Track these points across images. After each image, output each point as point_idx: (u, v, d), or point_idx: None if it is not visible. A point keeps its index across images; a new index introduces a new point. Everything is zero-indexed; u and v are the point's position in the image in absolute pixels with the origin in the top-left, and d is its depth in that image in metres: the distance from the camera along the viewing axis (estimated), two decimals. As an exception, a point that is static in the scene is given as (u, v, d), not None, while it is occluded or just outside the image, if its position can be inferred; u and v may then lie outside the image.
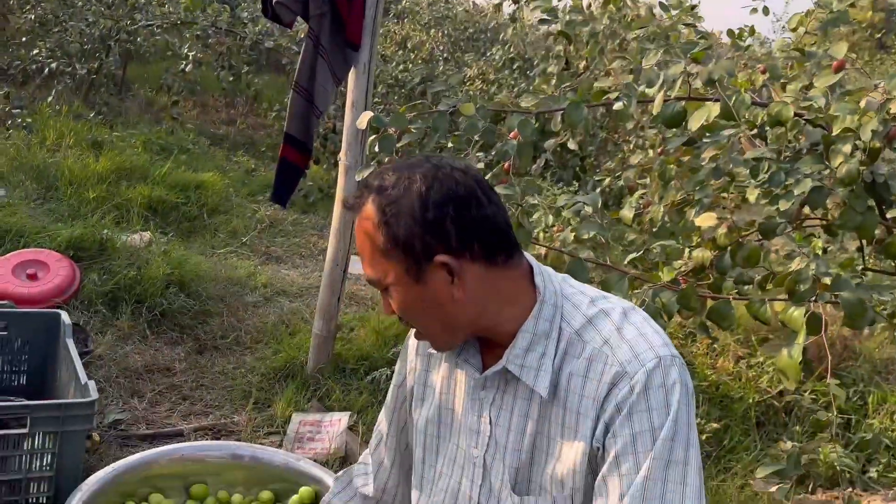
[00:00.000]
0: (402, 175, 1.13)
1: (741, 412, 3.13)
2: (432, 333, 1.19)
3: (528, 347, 1.14)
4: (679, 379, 1.07)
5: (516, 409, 1.17)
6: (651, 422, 1.05)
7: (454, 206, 1.10)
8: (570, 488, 1.12)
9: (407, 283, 1.13)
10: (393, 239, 1.11)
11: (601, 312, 1.15)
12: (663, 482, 1.03)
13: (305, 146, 2.85)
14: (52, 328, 2.45)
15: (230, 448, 2.18)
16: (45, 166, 4.58)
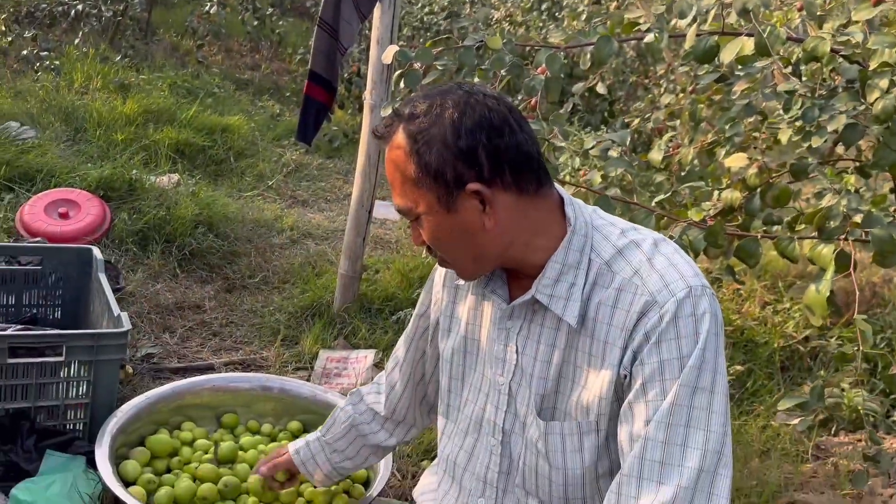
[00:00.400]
0: (433, 102, 1.12)
1: (765, 356, 3.12)
2: (461, 263, 1.19)
3: (558, 278, 1.14)
4: (709, 309, 1.07)
5: (543, 338, 1.18)
6: (679, 350, 1.05)
7: (487, 134, 1.09)
8: (595, 414, 1.14)
9: (438, 213, 1.13)
10: (424, 167, 1.10)
11: (632, 243, 1.14)
12: (689, 408, 1.03)
13: (330, 84, 2.84)
14: (84, 263, 2.50)
15: (260, 380, 2.23)
16: (73, 108, 4.61)
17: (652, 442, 1.03)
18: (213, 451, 2.00)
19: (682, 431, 1.03)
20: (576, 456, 1.16)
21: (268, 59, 8.04)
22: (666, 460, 1.02)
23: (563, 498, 1.19)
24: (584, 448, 1.15)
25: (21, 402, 1.98)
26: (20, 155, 3.72)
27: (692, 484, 1.01)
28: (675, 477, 1.01)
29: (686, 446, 1.02)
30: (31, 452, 1.95)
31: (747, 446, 2.40)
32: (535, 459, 1.20)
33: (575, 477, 1.17)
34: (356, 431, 1.58)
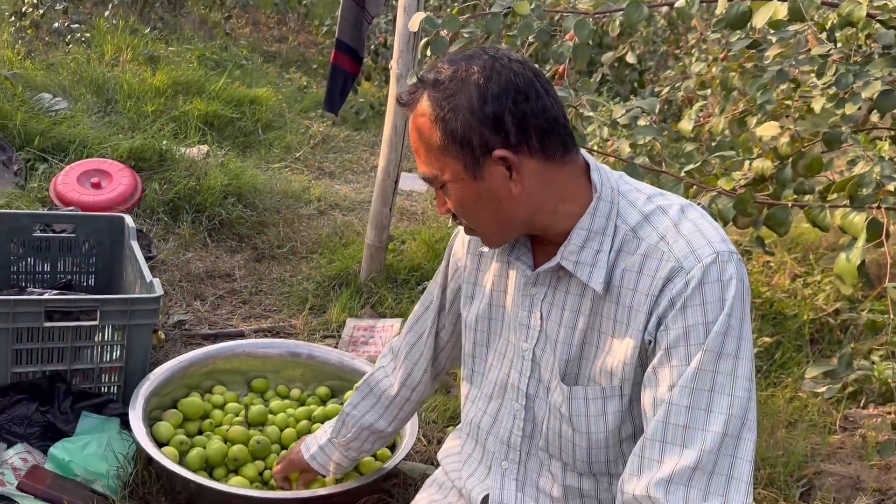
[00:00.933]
0: (458, 68, 1.10)
1: (795, 329, 3.09)
2: (487, 230, 1.19)
3: (583, 244, 1.14)
4: (735, 274, 1.06)
5: (567, 304, 1.19)
6: (705, 315, 1.04)
7: (513, 98, 1.08)
8: (618, 379, 1.14)
9: (464, 180, 1.12)
10: (450, 134, 1.09)
11: (658, 209, 1.14)
12: (714, 373, 1.03)
13: (357, 53, 2.83)
14: (117, 231, 2.55)
15: (288, 346, 2.27)
16: (104, 80, 4.66)
17: (676, 406, 1.04)
18: (243, 414, 2.05)
19: (706, 396, 1.03)
20: (599, 420, 1.17)
21: (295, 31, 8.04)
22: (690, 424, 1.03)
23: (586, 461, 1.21)
24: (607, 412, 1.16)
25: (57, 364, 2.04)
26: (53, 126, 3.78)
27: (716, 447, 1.01)
28: (698, 441, 1.02)
29: (710, 411, 1.02)
30: (68, 414, 2.00)
31: (774, 417, 2.39)
32: (559, 423, 1.21)
33: (598, 441, 1.18)
34: (367, 431, 1.62)
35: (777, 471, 2.11)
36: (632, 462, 1.08)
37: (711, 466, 1.01)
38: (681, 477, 1.01)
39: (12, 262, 2.50)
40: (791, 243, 3.75)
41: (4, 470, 1.80)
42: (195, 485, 1.69)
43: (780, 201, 1.95)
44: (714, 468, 1.01)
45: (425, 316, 1.50)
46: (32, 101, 4.03)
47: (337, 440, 1.66)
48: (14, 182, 3.43)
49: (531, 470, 1.27)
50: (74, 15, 5.69)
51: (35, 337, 1.99)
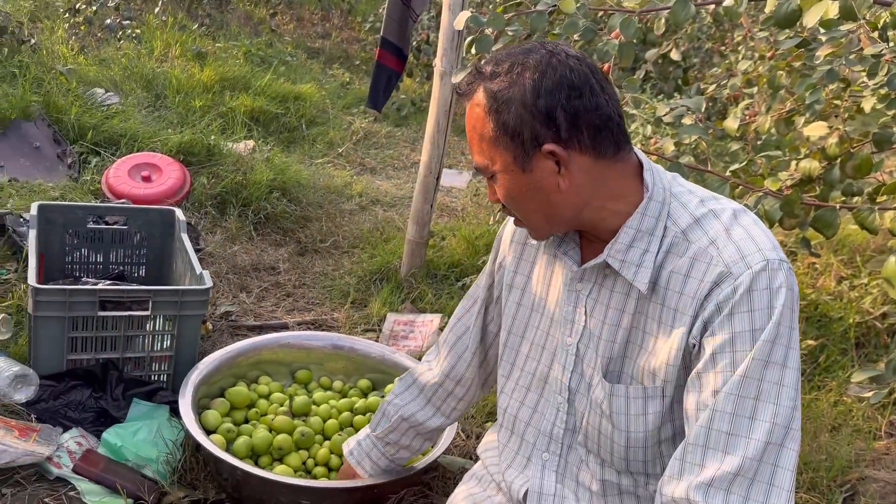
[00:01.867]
0: (515, 61, 1.12)
1: (840, 332, 3.04)
2: (534, 222, 1.21)
3: (631, 244, 1.14)
4: (785, 283, 1.05)
5: (613, 302, 1.19)
6: (752, 322, 1.04)
7: (566, 94, 1.09)
8: (661, 380, 1.14)
9: (513, 171, 1.14)
10: (502, 126, 1.12)
11: (710, 213, 1.13)
12: (760, 381, 1.03)
13: (401, 51, 2.86)
14: (167, 223, 2.62)
15: (332, 339, 2.31)
16: (153, 76, 4.77)
17: (720, 413, 1.04)
18: (287, 404, 2.10)
19: (751, 404, 1.03)
20: (639, 419, 1.17)
21: (338, 27, 8.11)
22: (733, 431, 1.03)
23: (623, 459, 1.21)
24: (647, 412, 1.17)
25: (110, 352, 2.11)
26: (105, 120, 3.89)
27: (758, 455, 1.01)
28: (741, 448, 1.02)
29: (754, 419, 1.02)
30: (120, 400, 2.07)
31: (817, 421, 2.36)
32: (599, 420, 1.22)
33: (637, 440, 1.19)
34: (407, 423, 1.60)
35: (820, 475, 2.09)
36: (672, 465, 1.08)
37: (752, 474, 1.01)
38: (721, 482, 1.02)
39: (67, 253, 2.58)
40: (837, 245, 3.68)
41: (60, 453, 1.87)
42: (242, 472, 1.74)
43: (827, 203, 1.92)
44: (755, 475, 1.01)
45: (473, 308, 1.51)
46: (85, 95, 4.15)
47: (375, 433, 1.66)
48: (68, 174, 3.54)
49: (571, 463, 1.28)
50: (125, 12, 5.84)
51: (90, 325, 2.06)
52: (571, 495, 1.28)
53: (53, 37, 5.23)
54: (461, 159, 5.22)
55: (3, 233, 2.78)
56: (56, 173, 3.54)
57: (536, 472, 1.30)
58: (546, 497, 1.29)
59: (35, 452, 1.78)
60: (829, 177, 2.11)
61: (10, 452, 1.73)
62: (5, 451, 1.73)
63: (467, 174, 4.78)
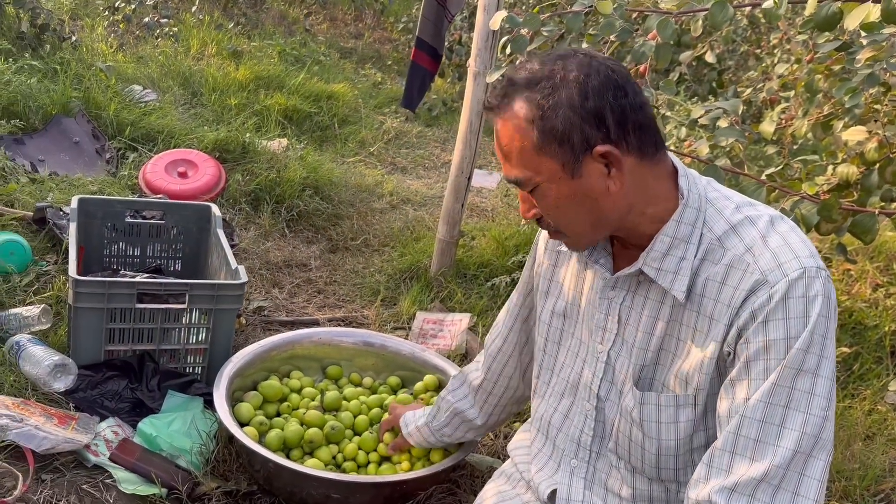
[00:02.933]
0: (554, 67, 1.10)
1: (875, 340, 3.00)
2: (578, 231, 1.17)
3: (667, 251, 1.13)
4: (822, 291, 1.04)
5: (647, 309, 1.18)
6: (787, 331, 1.03)
7: (613, 93, 1.07)
8: (693, 388, 1.13)
9: (562, 179, 1.11)
10: (549, 133, 1.08)
11: (746, 220, 1.12)
12: (791, 389, 1.02)
13: (436, 51, 2.88)
14: (203, 219, 2.66)
15: (363, 336, 2.33)
16: (190, 73, 4.84)
17: (749, 419, 1.03)
18: (319, 399, 2.12)
19: (780, 412, 1.02)
20: (671, 427, 1.17)
21: (370, 27, 8.16)
22: (761, 438, 1.02)
23: (655, 467, 1.21)
24: (679, 420, 1.16)
25: (147, 344, 2.15)
26: (143, 117, 3.96)
27: (785, 463, 1.00)
28: (768, 455, 1.01)
29: (783, 427, 1.01)
30: (155, 392, 2.11)
31: (851, 429, 2.33)
32: (630, 427, 1.21)
33: (668, 448, 1.18)
34: (459, 419, 1.71)
35: (853, 484, 2.06)
36: (699, 470, 1.08)
37: (778, 481, 1.00)
38: (745, 487, 1.01)
39: (105, 246, 2.63)
40: (874, 252, 3.62)
41: (98, 441, 1.91)
42: (274, 464, 1.76)
43: (865, 208, 1.90)
44: (781, 483, 1.00)
45: (513, 314, 1.53)
46: (124, 92, 4.23)
47: (432, 424, 1.76)
48: (106, 170, 3.61)
49: (600, 470, 1.28)
50: (163, 10, 5.93)
51: (127, 317, 2.10)
52: (600, 501, 1.27)
53: (93, 34, 5.33)
54: (492, 160, 5.22)
55: (44, 225, 2.84)
56: (95, 168, 3.62)
57: (565, 477, 1.30)
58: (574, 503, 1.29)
59: (74, 440, 1.82)
60: (867, 182, 2.08)
61: (50, 439, 1.78)
62: (46, 438, 1.77)
63: (498, 175, 4.78)
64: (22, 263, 2.57)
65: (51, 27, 4.51)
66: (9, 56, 4.12)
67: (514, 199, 4.24)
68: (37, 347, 2.09)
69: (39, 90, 3.80)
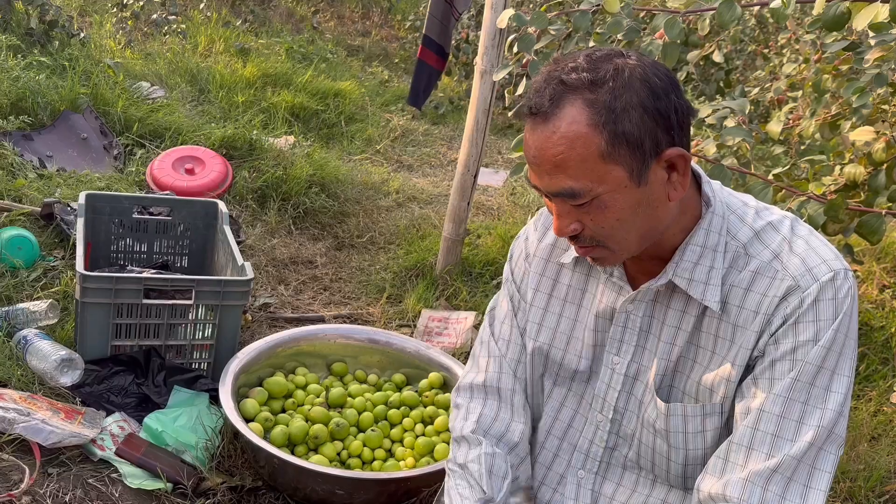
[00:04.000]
0: (612, 65, 1.01)
1: (881, 341, 2.99)
2: (625, 245, 1.08)
3: (697, 261, 1.10)
4: (850, 292, 1.04)
5: (668, 319, 1.15)
6: (816, 333, 1.03)
7: (675, 94, 1.02)
8: (720, 396, 1.11)
9: (628, 188, 1.01)
10: (621, 137, 0.99)
11: (769, 226, 1.10)
12: (810, 386, 1.02)
13: (443, 49, 2.88)
14: (210, 216, 2.67)
15: (368, 333, 2.34)
16: (198, 70, 4.86)
17: (767, 414, 1.03)
18: (324, 396, 2.13)
19: (799, 408, 1.02)
20: (698, 437, 1.14)
21: (378, 25, 8.16)
22: (779, 433, 1.02)
23: (681, 476, 1.18)
24: (706, 430, 1.14)
25: (153, 339, 2.16)
26: (150, 113, 3.97)
27: (798, 455, 1.01)
28: (784, 449, 1.01)
29: (801, 423, 1.02)
30: (161, 387, 2.12)
31: (857, 430, 2.32)
32: (653, 439, 1.18)
33: (696, 458, 1.16)
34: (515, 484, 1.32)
35: (858, 484, 2.06)
36: (714, 463, 1.07)
37: (791, 473, 1.01)
38: (758, 478, 1.01)
39: (112, 242, 2.64)
40: (881, 253, 3.61)
41: (104, 436, 1.92)
42: (279, 460, 1.77)
43: (872, 209, 1.90)
44: (793, 475, 1.01)
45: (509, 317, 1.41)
46: (132, 89, 4.24)
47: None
48: (114, 166, 3.62)
49: (609, 480, 1.25)
50: (171, 7, 5.95)
51: (134, 313, 2.11)
52: None
53: (101, 31, 5.35)
54: (498, 158, 5.22)
55: (51, 221, 2.86)
56: (102, 164, 3.63)
57: (571, 491, 1.27)
58: None
59: (81, 434, 1.84)
60: (874, 182, 2.07)
61: (57, 433, 1.79)
62: (53, 432, 1.78)
63: (504, 173, 4.78)
64: (29, 259, 2.58)
65: (59, 23, 4.53)
66: (17, 52, 4.14)
67: (520, 198, 4.24)
68: (44, 342, 2.10)
69: (48, 86, 3.82)
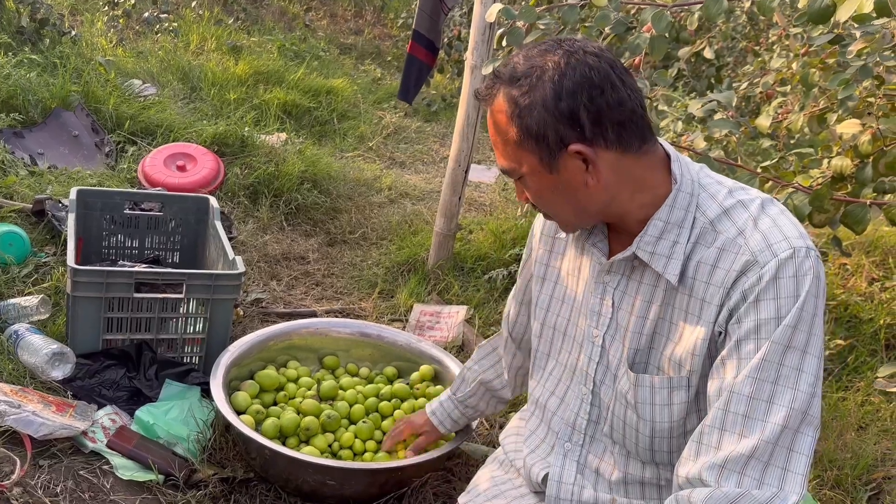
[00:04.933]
0: (533, 64, 1.12)
1: (870, 333, 3.01)
2: (563, 218, 1.23)
3: (660, 235, 1.15)
4: (812, 270, 1.05)
5: (640, 293, 1.20)
6: (778, 310, 1.05)
7: (588, 94, 1.08)
8: (686, 370, 1.15)
9: (541, 173, 1.15)
10: (525, 130, 1.12)
11: (739, 203, 1.13)
12: (779, 366, 1.04)
13: (433, 44, 2.89)
14: (201, 211, 2.67)
15: (359, 326, 2.35)
16: (189, 68, 4.86)
17: (738, 395, 1.05)
18: (315, 389, 2.14)
19: (769, 388, 1.03)
20: (664, 410, 1.18)
21: (370, 23, 8.17)
22: (750, 414, 1.03)
23: (648, 449, 1.22)
24: (673, 402, 1.17)
25: (144, 334, 2.16)
26: (142, 111, 3.97)
27: (774, 439, 1.02)
28: (757, 430, 1.02)
29: (772, 402, 1.03)
30: (153, 381, 2.13)
31: (844, 420, 2.34)
32: (624, 410, 1.23)
33: (662, 430, 1.20)
34: (484, 387, 1.72)
35: (845, 473, 2.08)
36: (689, 447, 1.09)
37: (767, 457, 1.02)
38: (735, 464, 1.03)
39: (104, 238, 2.65)
40: (870, 246, 3.64)
41: (95, 429, 1.93)
42: (270, 451, 1.78)
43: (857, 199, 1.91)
44: (770, 459, 1.02)
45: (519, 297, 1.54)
46: (123, 86, 4.24)
47: (456, 397, 1.78)
48: (105, 163, 3.62)
49: (593, 453, 1.30)
50: (163, 5, 5.94)
51: (125, 307, 2.11)
52: (590, 486, 1.29)
53: (93, 29, 5.35)
54: (490, 154, 5.23)
55: (43, 217, 2.86)
56: (94, 162, 3.63)
57: (557, 460, 1.32)
58: (565, 485, 1.30)
59: (71, 426, 1.84)
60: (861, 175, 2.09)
61: (48, 425, 1.79)
62: (43, 424, 1.79)
63: (496, 169, 4.80)
64: (21, 255, 2.59)
65: (50, 21, 4.52)
66: (8, 50, 4.14)
67: (512, 194, 4.25)
68: (35, 336, 2.10)
69: (39, 84, 3.81)
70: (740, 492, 1.01)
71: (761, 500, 1.01)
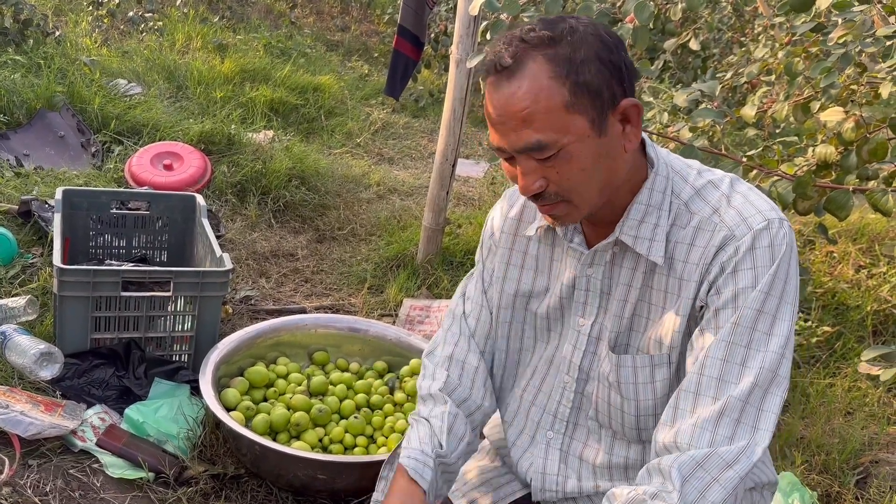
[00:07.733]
0: (563, 26, 1.07)
1: (857, 320, 3.04)
2: (587, 198, 1.12)
3: (642, 219, 1.16)
4: (785, 239, 1.09)
5: (621, 279, 1.21)
6: (755, 279, 1.07)
7: (623, 49, 1.09)
8: (667, 347, 1.17)
9: (590, 138, 1.06)
10: (583, 87, 1.04)
11: (709, 184, 1.16)
12: (752, 330, 1.06)
13: (418, 39, 2.89)
14: (188, 209, 2.66)
15: (349, 322, 2.35)
16: (175, 67, 4.84)
17: (711, 359, 1.07)
18: (305, 384, 2.14)
19: (741, 352, 1.06)
20: (647, 388, 1.20)
21: (357, 20, 8.15)
22: (722, 377, 1.06)
23: (634, 429, 1.23)
24: (655, 380, 1.19)
25: (133, 332, 2.16)
26: (128, 110, 3.95)
27: (744, 396, 1.04)
28: (729, 392, 1.05)
29: (744, 366, 1.05)
30: (142, 379, 2.13)
31: (831, 405, 2.36)
32: (608, 392, 1.23)
33: (647, 408, 1.21)
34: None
35: (832, 457, 2.10)
36: (666, 412, 1.11)
37: (738, 415, 1.04)
38: (707, 423, 1.05)
39: (91, 238, 2.64)
40: (856, 234, 3.67)
41: (84, 428, 1.93)
42: (260, 447, 1.78)
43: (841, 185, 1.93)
44: (740, 417, 1.04)
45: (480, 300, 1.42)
46: (109, 86, 4.22)
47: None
48: (92, 163, 3.60)
49: (577, 439, 1.30)
50: (148, 4, 5.91)
51: (113, 305, 2.11)
52: (574, 475, 1.30)
53: (77, 29, 5.31)
54: (478, 149, 5.24)
55: (29, 218, 2.84)
56: (80, 162, 3.61)
57: (540, 451, 1.32)
58: (549, 477, 1.31)
59: (60, 425, 1.84)
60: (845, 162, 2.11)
61: (36, 425, 1.79)
62: (32, 424, 1.78)
63: (484, 164, 4.80)
64: (7, 256, 2.57)
65: (34, 22, 4.49)
66: (-8, 51, 4.11)
67: (500, 188, 4.25)
68: (22, 337, 2.10)
69: (23, 85, 3.79)
70: (708, 451, 1.03)
71: (728, 458, 1.03)
